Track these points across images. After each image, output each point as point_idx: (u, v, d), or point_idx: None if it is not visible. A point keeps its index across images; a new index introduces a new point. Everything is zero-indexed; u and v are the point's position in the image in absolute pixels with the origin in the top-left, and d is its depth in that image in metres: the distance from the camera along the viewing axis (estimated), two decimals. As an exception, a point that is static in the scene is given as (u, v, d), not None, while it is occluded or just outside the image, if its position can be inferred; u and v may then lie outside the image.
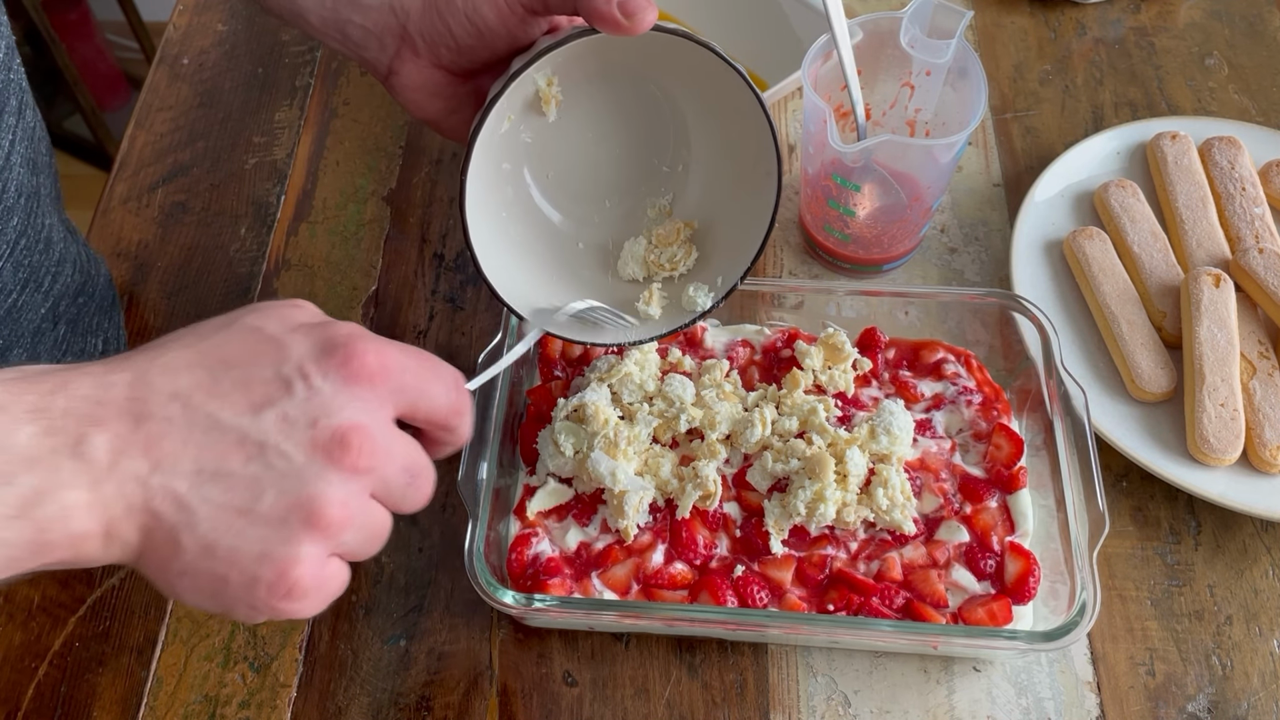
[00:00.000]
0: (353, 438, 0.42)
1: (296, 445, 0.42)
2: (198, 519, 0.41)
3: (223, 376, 0.42)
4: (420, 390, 0.46)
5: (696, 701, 0.65)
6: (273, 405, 0.42)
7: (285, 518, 0.41)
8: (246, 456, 0.41)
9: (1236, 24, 0.97)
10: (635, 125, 0.67)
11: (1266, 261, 0.74)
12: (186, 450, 0.41)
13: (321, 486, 0.42)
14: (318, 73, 0.97)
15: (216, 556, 0.41)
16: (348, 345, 0.43)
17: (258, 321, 0.44)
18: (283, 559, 0.42)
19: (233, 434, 0.41)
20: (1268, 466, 0.69)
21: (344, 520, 0.42)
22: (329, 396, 0.42)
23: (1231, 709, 0.64)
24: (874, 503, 0.63)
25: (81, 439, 0.39)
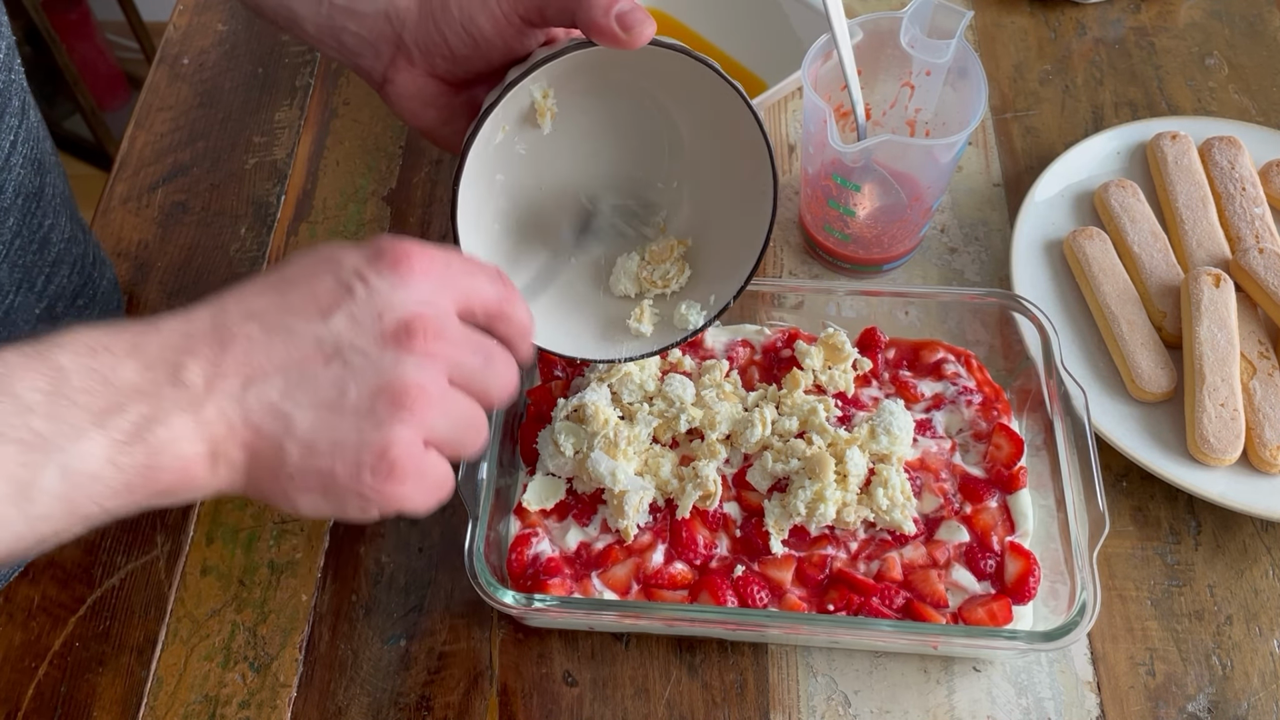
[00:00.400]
0: (416, 324, 0.45)
1: (368, 340, 0.45)
2: (294, 422, 0.44)
3: (290, 293, 0.46)
4: (468, 282, 0.49)
5: (696, 701, 0.65)
6: (340, 308, 0.45)
7: (372, 406, 0.44)
8: (325, 358, 0.45)
9: (1236, 24, 0.97)
10: (630, 141, 0.67)
11: (1266, 261, 0.74)
12: (271, 362, 0.44)
13: (399, 371, 0.45)
14: (318, 73, 0.97)
15: (319, 452, 0.44)
16: (394, 248, 0.47)
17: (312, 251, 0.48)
18: (379, 442, 0.44)
19: (309, 340, 0.45)
20: (1268, 466, 0.69)
21: (424, 401, 0.45)
22: (388, 292, 0.46)
23: (1231, 709, 0.64)
24: (874, 503, 0.63)
25: (179, 368, 0.43)
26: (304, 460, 0.44)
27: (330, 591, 0.69)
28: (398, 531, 0.71)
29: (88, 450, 0.40)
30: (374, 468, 0.45)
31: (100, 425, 0.41)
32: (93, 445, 0.40)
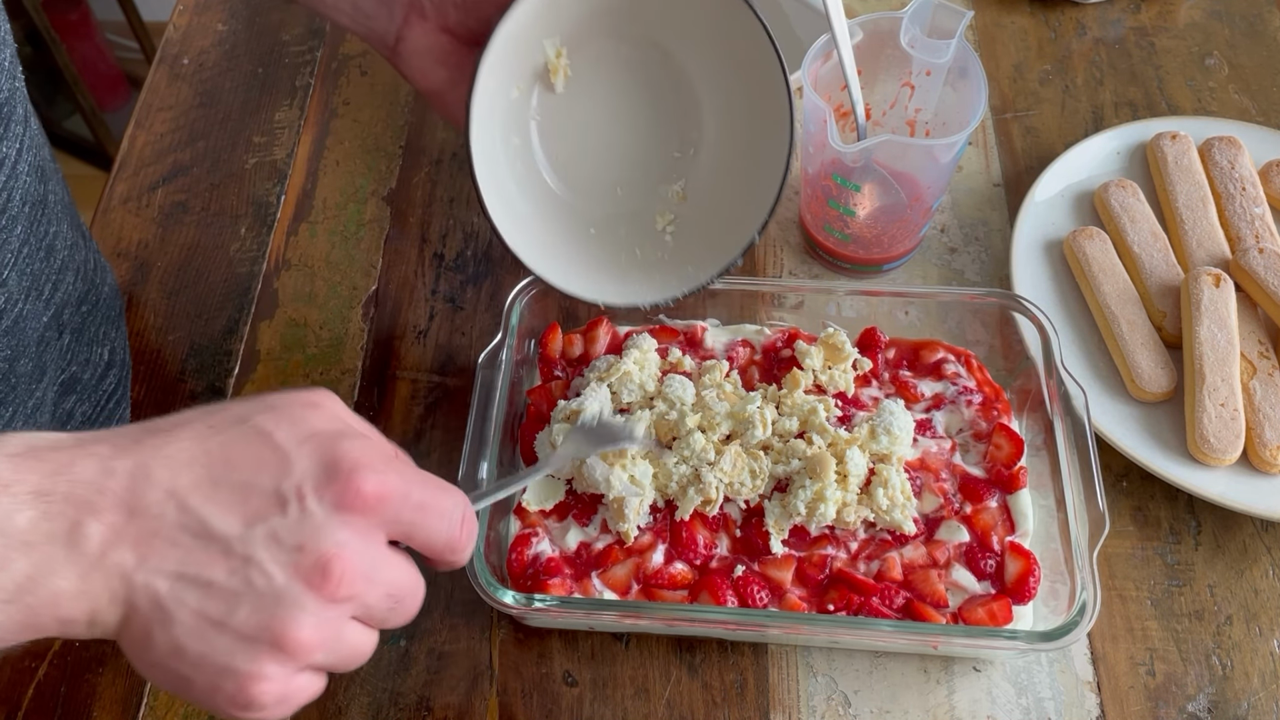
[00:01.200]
0: (334, 566, 0.42)
1: (280, 566, 0.42)
2: (172, 620, 0.42)
3: (222, 481, 0.43)
4: (417, 523, 0.46)
5: (696, 701, 0.65)
6: (264, 521, 0.42)
7: (255, 636, 0.42)
8: (230, 569, 0.42)
9: (1236, 24, 0.97)
10: (646, 104, 0.66)
11: (1266, 261, 0.74)
12: (173, 551, 0.42)
13: (295, 612, 0.42)
14: (318, 73, 0.97)
15: (184, 659, 0.42)
16: (350, 474, 0.43)
17: (271, 425, 0.44)
18: (245, 675, 0.42)
19: (220, 543, 0.42)
20: (1268, 466, 0.69)
21: (312, 645, 0.43)
22: (320, 522, 0.43)
23: (1231, 709, 0.64)
24: (874, 503, 0.63)
25: (77, 526, 0.40)
26: (166, 658, 0.42)
27: (330, 591, 0.69)
28: (398, 531, 0.71)
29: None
30: (231, 697, 0.42)
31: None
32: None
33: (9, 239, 0.60)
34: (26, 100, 0.62)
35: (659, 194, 0.70)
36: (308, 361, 0.79)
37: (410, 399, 0.77)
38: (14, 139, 0.59)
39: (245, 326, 0.81)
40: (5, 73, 0.58)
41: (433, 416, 0.76)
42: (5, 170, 0.58)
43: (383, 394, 0.78)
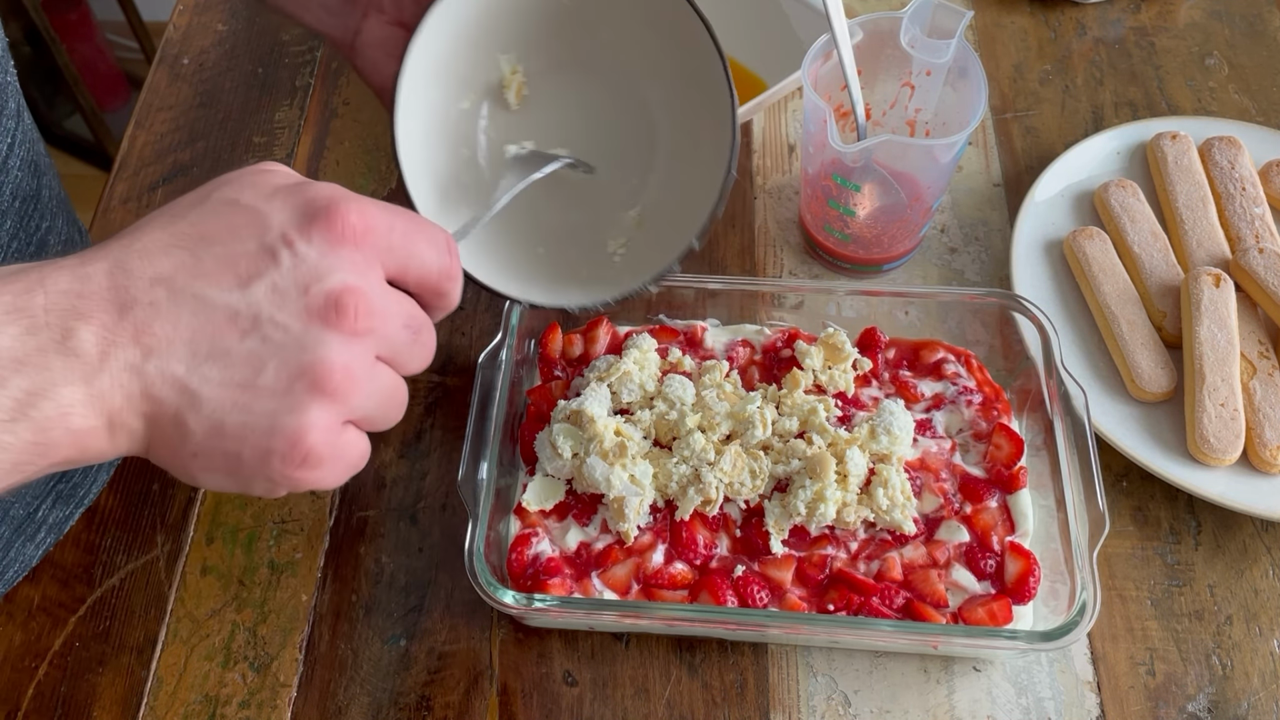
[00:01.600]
0: (347, 299, 0.41)
1: (292, 314, 0.41)
2: (201, 400, 0.40)
3: (204, 254, 0.41)
4: (409, 251, 0.44)
5: (696, 701, 0.65)
6: (261, 277, 0.41)
7: (290, 387, 0.40)
8: (241, 332, 0.40)
9: (1236, 24, 0.97)
10: (604, 131, 0.67)
11: (1266, 261, 0.74)
12: (178, 333, 0.40)
13: (323, 352, 0.41)
14: (318, 73, 0.97)
15: (226, 434, 0.40)
16: (330, 207, 0.42)
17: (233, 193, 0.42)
18: (294, 428, 0.41)
19: (223, 311, 0.40)
20: (1268, 466, 0.69)
21: (350, 383, 0.41)
22: (316, 261, 0.41)
23: (1231, 709, 0.64)
24: (874, 503, 0.63)
25: (68, 334, 0.38)
26: (208, 440, 0.40)
27: (330, 591, 0.69)
28: (398, 531, 0.71)
29: None
30: (286, 455, 0.41)
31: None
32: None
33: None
34: (19, 95, 0.61)
35: (615, 219, 0.70)
36: (308, 361, 0.79)
37: (410, 399, 0.77)
38: (5, 133, 0.59)
39: (245, 326, 0.81)
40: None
41: (433, 416, 0.76)
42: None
43: (383, 394, 0.77)
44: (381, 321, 0.43)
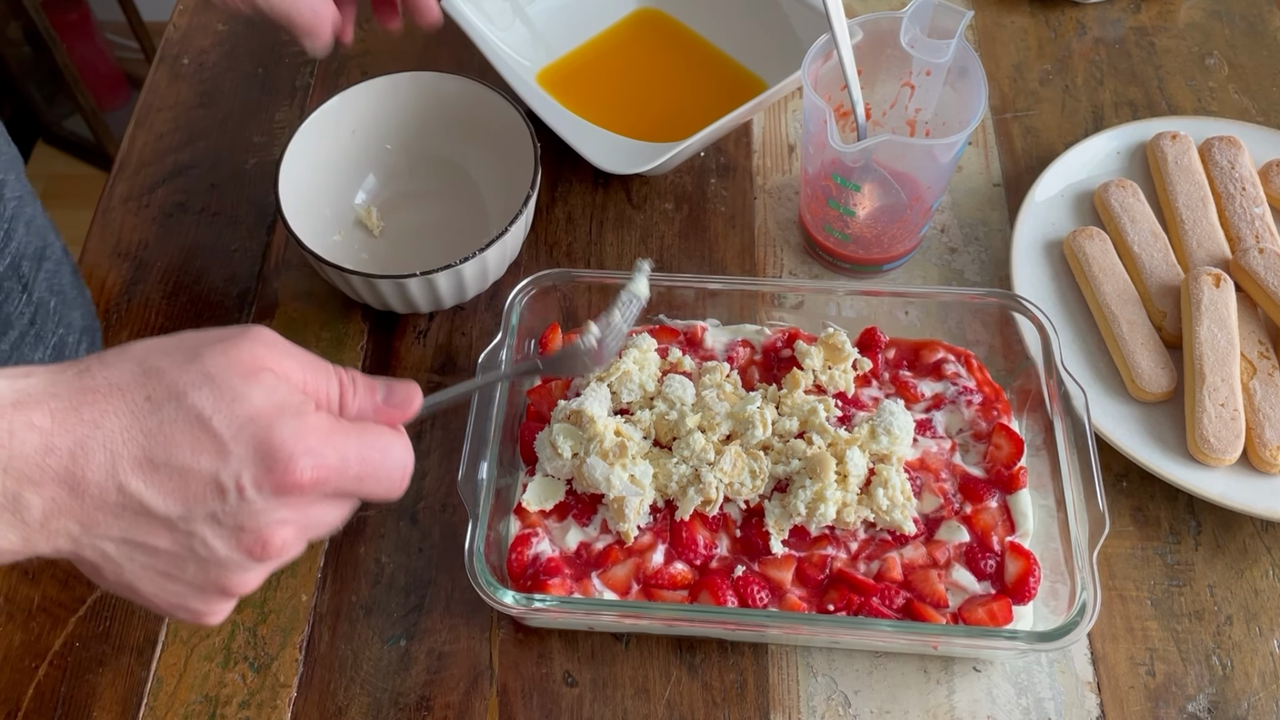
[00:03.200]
0: (274, 539, 0.45)
1: (221, 541, 0.45)
2: (122, 570, 0.45)
3: (160, 463, 0.43)
4: (356, 490, 0.48)
5: (696, 701, 0.65)
6: (204, 504, 0.44)
7: (203, 586, 0.46)
8: (173, 539, 0.45)
9: (1236, 24, 0.97)
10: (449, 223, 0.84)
11: (1266, 261, 0.74)
12: (117, 524, 0.44)
13: (239, 573, 0.46)
14: (318, 73, 0.97)
15: (137, 593, 0.46)
16: (287, 463, 0.44)
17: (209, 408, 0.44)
18: (199, 610, 0.47)
19: (162, 520, 0.44)
20: (1268, 466, 0.69)
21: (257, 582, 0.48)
22: (259, 508, 0.45)
23: (1231, 709, 0.64)
24: (874, 503, 0.63)
25: (18, 497, 0.41)
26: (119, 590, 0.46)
27: (330, 592, 0.69)
28: (398, 532, 0.71)
29: None
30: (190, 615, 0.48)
31: None
32: None
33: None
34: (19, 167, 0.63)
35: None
36: (308, 361, 0.79)
37: (410, 399, 0.77)
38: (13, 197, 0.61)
39: (245, 326, 0.81)
40: None
41: (433, 416, 0.76)
42: None
43: (383, 394, 0.77)
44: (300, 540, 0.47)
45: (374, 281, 0.73)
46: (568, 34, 0.94)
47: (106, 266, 0.85)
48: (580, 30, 0.95)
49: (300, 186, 0.79)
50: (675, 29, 0.95)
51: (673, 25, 0.95)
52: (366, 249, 0.83)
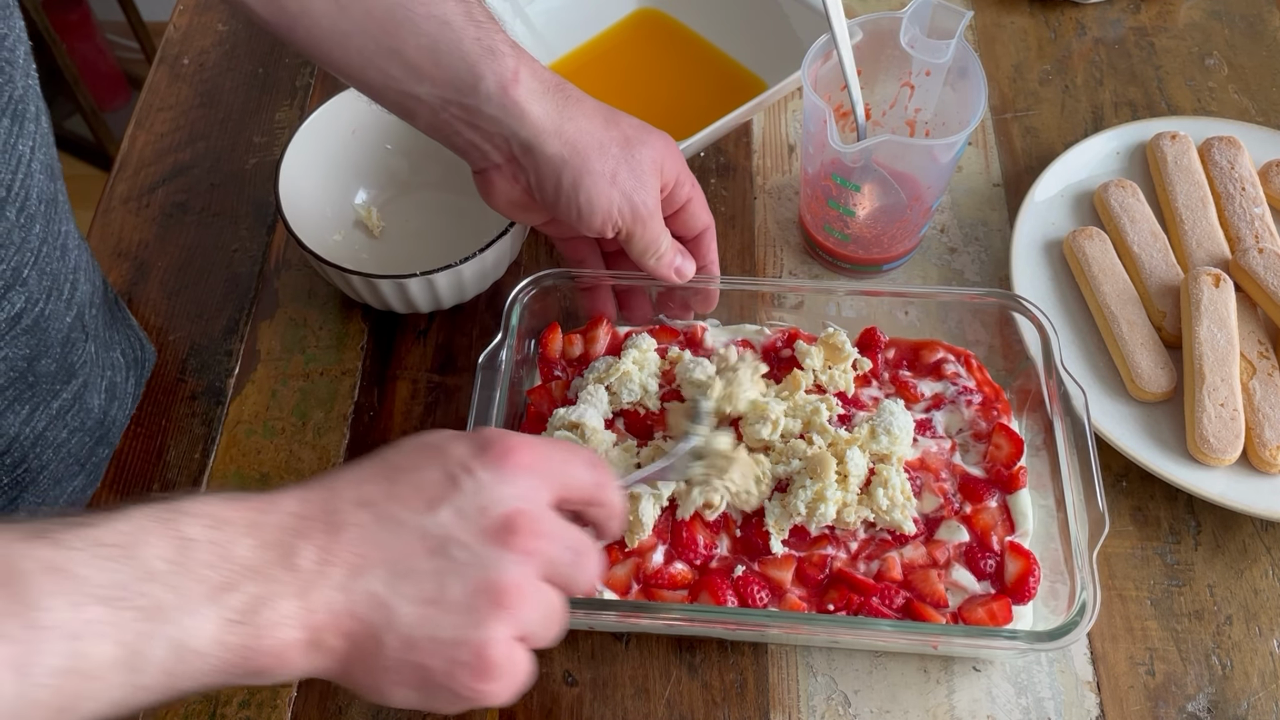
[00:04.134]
0: (518, 521, 0.46)
1: (471, 535, 0.46)
2: (396, 616, 0.44)
3: (398, 481, 0.47)
4: (566, 471, 0.50)
5: (696, 701, 0.65)
6: (445, 501, 0.46)
7: (472, 603, 0.45)
8: (429, 551, 0.45)
9: (1236, 24, 0.97)
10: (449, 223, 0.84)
11: (1266, 261, 0.74)
12: (378, 552, 0.45)
13: (499, 569, 0.46)
14: (318, 73, 0.97)
15: (417, 648, 0.45)
16: (500, 441, 0.48)
17: (419, 438, 0.49)
18: (478, 641, 0.45)
19: (415, 532, 0.45)
20: (1267, 466, 0.69)
21: (521, 599, 0.46)
22: (491, 487, 0.47)
23: (1231, 709, 0.64)
24: (874, 503, 0.63)
25: (292, 551, 0.43)
26: (402, 654, 0.45)
27: (330, 591, 0.69)
28: (398, 531, 0.71)
29: (199, 626, 0.40)
30: (470, 666, 0.45)
31: (214, 601, 0.41)
32: (204, 621, 0.41)
33: (28, 237, 0.60)
34: (39, 98, 0.63)
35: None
36: (308, 361, 0.79)
37: (410, 399, 0.77)
38: (29, 136, 0.60)
39: (245, 326, 0.81)
40: (20, 69, 0.58)
41: (433, 416, 0.76)
42: (23, 168, 0.59)
43: (383, 394, 0.78)
44: (547, 542, 0.47)
45: (374, 281, 0.73)
46: (568, 34, 0.94)
47: (106, 267, 0.85)
48: (580, 30, 0.95)
49: (300, 186, 0.79)
50: (675, 29, 0.95)
51: (673, 25, 0.95)
52: (366, 249, 0.83)
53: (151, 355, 0.80)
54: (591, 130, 0.63)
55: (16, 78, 0.58)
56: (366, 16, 0.61)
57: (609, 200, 0.63)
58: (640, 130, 0.65)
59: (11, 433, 0.63)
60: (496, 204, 0.68)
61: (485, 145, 0.64)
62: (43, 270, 0.62)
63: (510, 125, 0.62)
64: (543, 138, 0.62)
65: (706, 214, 0.70)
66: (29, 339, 0.62)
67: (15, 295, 0.59)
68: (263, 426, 0.76)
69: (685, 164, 0.68)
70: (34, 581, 0.38)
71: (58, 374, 0.66)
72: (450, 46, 0.61)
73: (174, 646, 0.40)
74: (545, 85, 0.63)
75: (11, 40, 0.57)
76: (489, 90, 0.62)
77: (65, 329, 0.66)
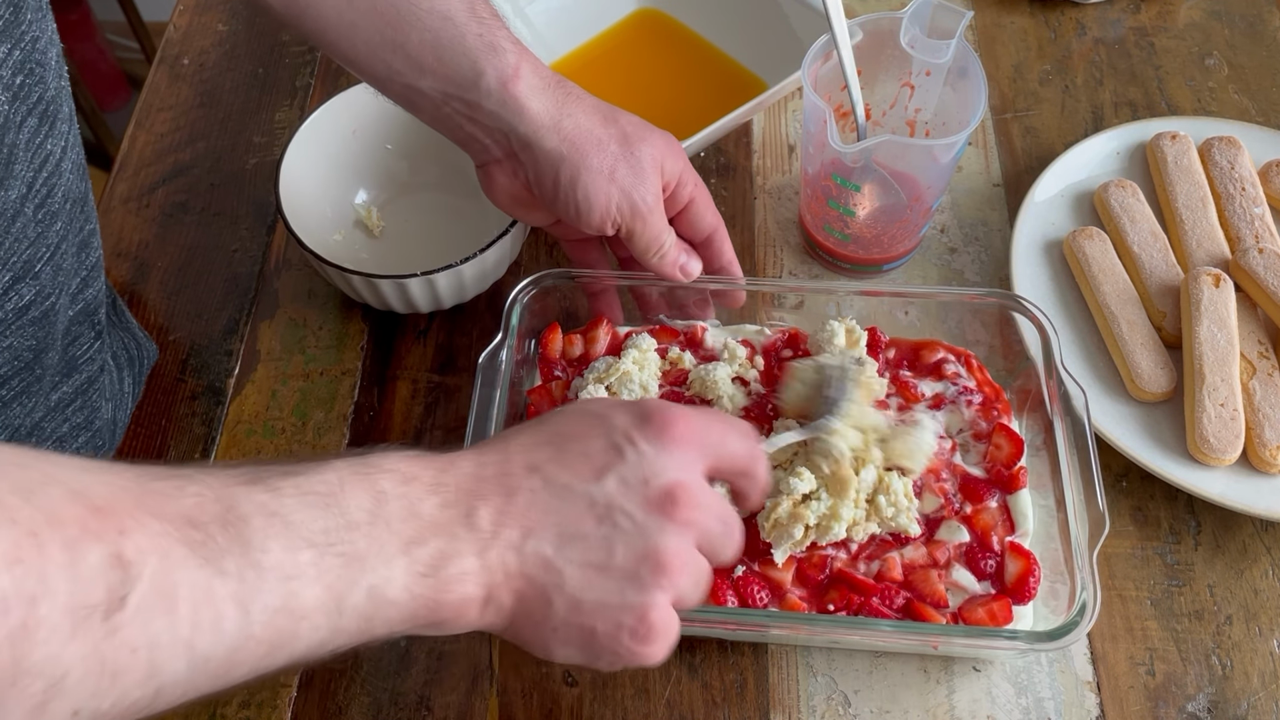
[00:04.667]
0: (679, 493, 0.48)
1: (635, 504, 0.48)
2: (564, 578, 0.46)
3: (567, 449, 0.49)
4: (722, 443, 0.52)
5: (696, 701, 0.65)
6: (611, 470, 0.48)
7: (636, 570, 0.47)
8: (596, 518, 0.47)
9: (1236, 24, 0.97)
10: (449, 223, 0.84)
11: (1266, 261, 0.74)
12: (549, 517, 0.47)
13: (661, 540, 0.47)
14: (318, 73, 0.97)
15: (583, 610, 0.47)
16: (661, 413, 0.50)
17: (582, 406, 0.52)
18: (641, 605, 0.47)
19: (583, 499, 0.47)
20: (1267, 466, 0.69)
21: (681, 567, 0.48)
22: (653, 459, 0.48)
23: (1231, 709, 0.64)
24: (879, 513, 0.63)
25: (472, 510, 0.45)
26: (569, 615, 0.47)
27: (330, 591, 0.69)
28: (398, 531, 0.71)
29: (393, 575, 0.43)
30: (633, 630, 0.47)
31: (406, 553, 0.43)
32: (398, 571, 0.43)
33: (47, 233, 0.60)
34: (71, 100, 0.63)
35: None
36: (308, 361, 0.79)
37: (410, 399, 0.77)
38: (60, 136, 0.60)
39: (245, 326, 0.81)
40: (53, 71, 0.59)
41: (433, 416, 0.76)
42: (49, 167, 0.59)
43: (383, 394, 0.78)
44: (703, 514, 0.49)
45: (374, 281, 0.73)
46: (568, 34, 0.94)
47: (106, 266, 0.85)
48: (580, 30, 0.95)
49: (300, 186, 0.79)
50: (675, 29, 0.95)
51: (673, 25, 0.95)
52: (366, 249, 0.83)
53: (153, 353, 0.80)
54: (590, 127, 0.63)
55: (48, 79, 0.58)
56: (372, 9, 0.62)
57: (607, 196, 0.64)
58: (640, 128, 0.66)
59: (15, 423, 0.64)
60: (498, 200, 0.69)
61: (486, 140, 0.65)
62: (58, 266, 0.62)
63: (509, 120, 0.63)
64: (541, 133, 0.63)
65: (713, 214, 0.70)
66: (35, 330, 0.62)
67: (25, 287, 0.60)
68: (263, 426, 0.76)
69: (688, 163, 0.68)
70: (254, 524, 0.40)
71: (60, 367, 0.66)
72: (452, 41, 0.62)
73: (371, 593, 0.42)
74: (545, 82, 0.64)
75: (44, 43, 0.58)
76: (489, 86, 0.62)
77: (68, 322, 0.66)
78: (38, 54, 0.57)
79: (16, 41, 0.55)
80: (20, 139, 0.56)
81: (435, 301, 0.77)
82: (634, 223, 0.65)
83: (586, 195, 0.63)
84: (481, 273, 0.76)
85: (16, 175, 0.56)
